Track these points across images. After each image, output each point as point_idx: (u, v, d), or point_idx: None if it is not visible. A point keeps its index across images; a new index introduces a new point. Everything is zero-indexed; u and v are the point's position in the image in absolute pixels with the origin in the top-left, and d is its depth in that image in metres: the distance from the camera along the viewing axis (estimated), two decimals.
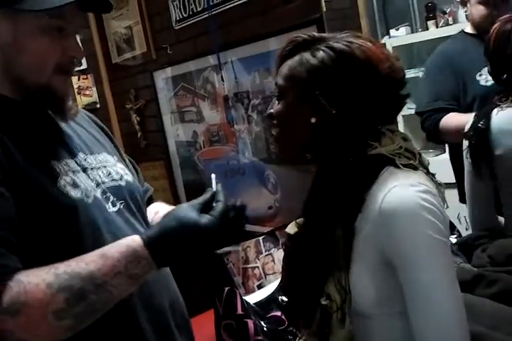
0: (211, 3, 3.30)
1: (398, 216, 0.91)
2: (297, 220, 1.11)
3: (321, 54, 0.98)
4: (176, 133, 4.10)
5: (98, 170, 1.04)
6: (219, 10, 3.34)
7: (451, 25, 2.86)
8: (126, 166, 1.20)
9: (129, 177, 1.13)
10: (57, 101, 1.01)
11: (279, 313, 1.85)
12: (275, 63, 1.08)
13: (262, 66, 3.10)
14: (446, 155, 2.94)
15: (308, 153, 1.05)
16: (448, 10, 2.89)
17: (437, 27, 2.90)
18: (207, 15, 3.37)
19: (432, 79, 2.37)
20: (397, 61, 1.02)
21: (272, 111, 1.07)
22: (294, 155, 1.09)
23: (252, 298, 1.95)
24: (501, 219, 1.80)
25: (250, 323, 1.76)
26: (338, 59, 0.98)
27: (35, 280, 0.83)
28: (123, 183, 1.09)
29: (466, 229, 2.30)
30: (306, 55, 1.00)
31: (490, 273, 1.48)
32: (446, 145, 2.95)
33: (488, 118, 1.71)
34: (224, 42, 3.34)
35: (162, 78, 4.04)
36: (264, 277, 2.31)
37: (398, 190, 0.93)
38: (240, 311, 1.77)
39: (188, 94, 3.85)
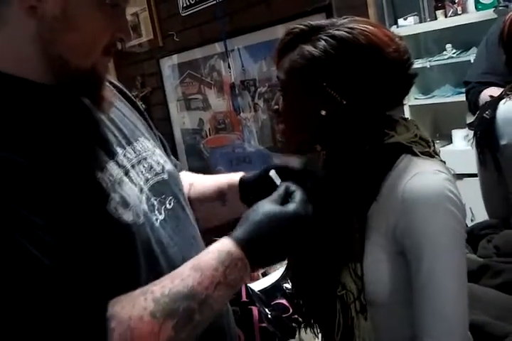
0: None
1: (420, 204, 0.90)
2: None
3: (322, 44, 0.94)
4: (182, 120, 4.10)
5: (139, 165, 0.93)
6: None
7: (460, 14, 2.82)
8: (161, 147, 1.11)
9: (168, 165, 1.03)
10: (97, 88, 0.89)
11: (283, 301, 1.86)
12: (274, 56, 1.03)
13: (269, 54, 3.08)
14: (452, 146, 2.94)
15: (318, 144, 1.03)
16: None
17: (446, 17, 2.86)
18: (214, 2, 3.36)
19: (489, 52, 2.27)
20: (400, 41, 0.97)
21: (276, 107, 1.04)
22: (303, 147, 1.06)
23: (257, 286, 1.95)
24: None
25: (255, 310, 1.76)
26: (342, 47, 0.93)
27: (136, 312, 0.73)
28: (166, 176, 0.99)
29: (472, 220, 2.31)
30: (307, 47, 0.95)
31: (496, 264, 1.48)
32: (453, 137, 2.94)
33: (494, 108, 1.70)
34: (231, 29, 3.32)
35: (168, 65, 4.03)
36: None
37: (420, 178, 0.92)
38: (244, 298, 1.78)
39: (195, 81, 3.84)
